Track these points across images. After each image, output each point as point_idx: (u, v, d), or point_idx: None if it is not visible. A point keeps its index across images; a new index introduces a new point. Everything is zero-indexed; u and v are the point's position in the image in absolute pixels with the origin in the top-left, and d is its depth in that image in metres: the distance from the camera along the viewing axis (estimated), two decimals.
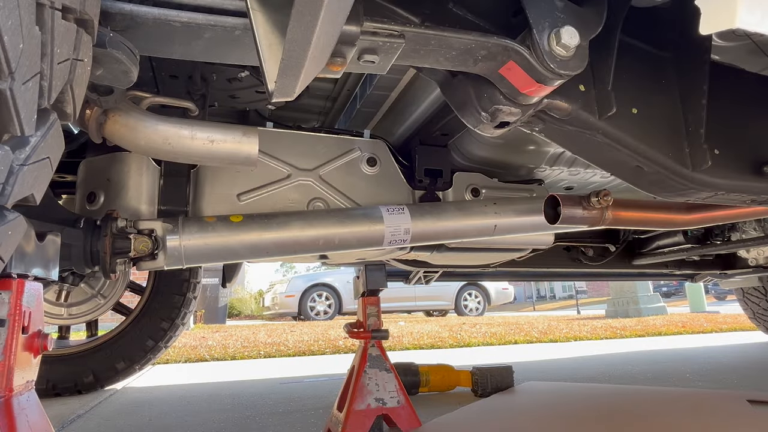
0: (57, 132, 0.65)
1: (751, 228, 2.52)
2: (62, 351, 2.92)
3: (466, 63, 0.90)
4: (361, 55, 0.81)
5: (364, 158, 1.73)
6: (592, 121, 1.04)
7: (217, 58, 0.97)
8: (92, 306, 2.79)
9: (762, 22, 0.62)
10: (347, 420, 1.95)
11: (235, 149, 1.24)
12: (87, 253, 1.25)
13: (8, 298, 0.75)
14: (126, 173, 1.47)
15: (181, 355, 5.43)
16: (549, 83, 0.89)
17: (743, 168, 1.18)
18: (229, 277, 2.30)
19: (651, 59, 1.14)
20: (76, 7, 0.60)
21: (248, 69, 1.47)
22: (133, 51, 0.84)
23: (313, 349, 5.91)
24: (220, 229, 1.41)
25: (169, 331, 3.00)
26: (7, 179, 0.54)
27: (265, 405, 2.86)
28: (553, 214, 1.58)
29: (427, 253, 2.01)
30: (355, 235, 1.53)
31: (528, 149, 1.78)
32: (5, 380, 0.73)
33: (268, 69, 0.71)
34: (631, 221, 1.65)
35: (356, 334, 2.18)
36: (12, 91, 0.50)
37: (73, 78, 0.66)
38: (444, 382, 3.06)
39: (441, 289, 12.12)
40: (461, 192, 1.84)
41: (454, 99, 1.04)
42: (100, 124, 1.16)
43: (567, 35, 0.84)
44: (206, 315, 11.58)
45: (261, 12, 0.70)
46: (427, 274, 2.93)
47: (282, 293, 12.36)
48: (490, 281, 12.24)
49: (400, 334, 7.01)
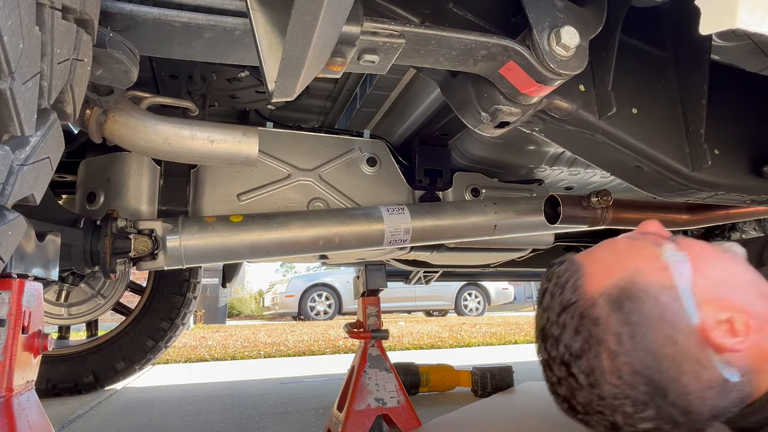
0: (57, 132, 0.65)
1: (751, 228, 2.52)
2: (62, 351, 2.92)
3: (466, 63, 0.90)
4: (361, 55, 0.81)
5: (364, 158, 1.73)
6: (592, 121, 1.04)
7: (217, 58, 0.97)
8: (92, 306, 2.79)
9: (762, 22, 0.62)
10: (347, 420, 1.95)
11: (235, 149, 1.24)
12: (87, 253, 1.25)
13: (8, 298, 0.75)
14: (126, 173, 1.47)
15: (181, 355, 5.43)
16: (549, 83, 0.89)
17: (743, 168, 1.18)
18: (229, 277, 2.30)
19: (651, 59, 1.14)
20: (76, 7, 0.60)
21: (248, 69, 1.47)
22: (133, 51, 0.84)
23: (313, 349, 5.91)
24: (220, 229, 1.41)
25: (169, 331, 3.00)
26: (7, 179, 0.54)
27: (265, 405, 2.86)
28: (553, 214, 1.58)
29: (427, 253, 2.01)
30: (355, 235, 1.53)
31: (528, 149, 1.78)
32: (5, 380, 0.73)
33: (268, 69, 0.71)
34: (631, 221, 1.65)
35: (356, 334, 2.18)
36: (12, 91, 0.50)
37: (73, 78, 0.66)
38: (444, 382, 3.06)
39: (441, 289, 12.11)
40: (461, 192, 1.84)
41: (454, 99, 1.04)
42: (100, 124, 1.16)
43: (567, 35, 0.84)
44: (206, 315, 11.58)
45: (261, 12, 0.70)
46: (427, 274, 2.93)
47: (282, 293, 12.35)
48: (490, 281, 12.23)
49: (400, 334, 7.01)
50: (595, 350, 0.64)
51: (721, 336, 0.62)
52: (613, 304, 0.65)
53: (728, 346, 0.62)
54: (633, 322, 0.63)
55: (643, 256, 0.69)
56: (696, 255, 0.68)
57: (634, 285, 0.65)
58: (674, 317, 0.63)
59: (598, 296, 0.66)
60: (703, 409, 0.63)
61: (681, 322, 0.63)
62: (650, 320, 0.63)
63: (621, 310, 0.64)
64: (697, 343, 0.62)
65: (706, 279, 0.66)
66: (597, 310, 0.65)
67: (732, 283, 0.67)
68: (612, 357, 0.63)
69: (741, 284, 0.67)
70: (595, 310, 0.65)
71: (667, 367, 0.62)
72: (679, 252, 0.68)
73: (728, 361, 0.63)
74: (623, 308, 0.64)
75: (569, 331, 0.66)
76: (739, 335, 0.62)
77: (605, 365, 0.63)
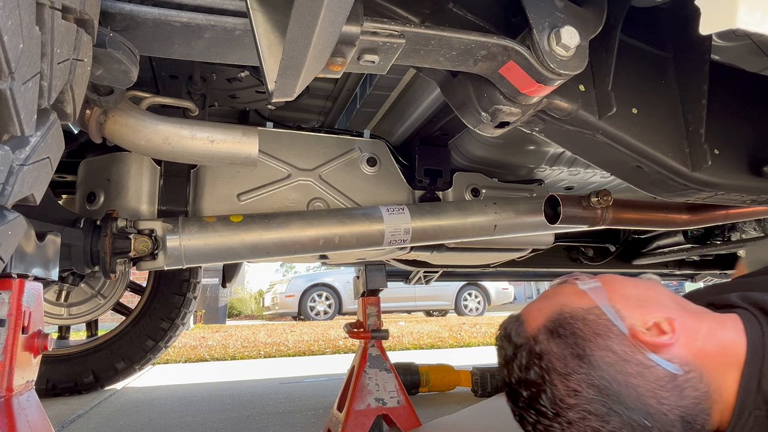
0: (57, 132, 0.65)
1: (751, 228, 2.52)
2: (62, 351, 2.92)
3: (466, 63, 0.90)
4: (361, 55, 0.81)
5: (364, 158, 1.73)
6: (592, 121, 1.04)
7: (217, 58, 0.97)
8: (92, 306, 2.79)
9: (762, 22, 0.62)
10: (347, 420, 1.95)
11: (235, 149, 1.24)
12: (87, 253, 1.25)
13: (8, 298, 0.75)
14: (126, 173, 1.47)
15: (181, 355, 5.43)
16: (549, 83, 0.89)
17: (743, 168, 1.18)
18: (229, 277, 2.30)
19: (651, 59, 1.14)
20: (76, 7, 0.60)
21: (248, 69, 1.47)
22: (133, 51, 0.84)
23: (313, 349, 5.91)
24: (220, 229, 1.41)
25: (169, 331, 3.00)
26: (7, 179, 0.54)
27: (265, 405, 2.86)
28: (553, 214, 1.58)
29: (427, 253, 2.01)
30: (355, 235, 1.53)
31: (528, 149, 1.78)
32: (5, 380, 0.73)
33: (268, 69, 0.71)
34: (631, 221, 1.65)
35: (356, 334, 2.18)
36: (12, 91, 0.50)
37: (73, 78, 0.66)
38: (444, 382, 3.06)
39: (441, 289, 12.11)
40: (461, 192, 1.84)
41: (454, 99, 1.04)
42: (100, 124, 1.16)
43: (567, 35, 0.84)
44: (206, 315, 11.58)
45: (261, 12, 0.70)
46: (427, 274, 2.92)
47: (282, 293, 12.35)
48: (490, 281, 12.24)
49: (400, 334, 7.01)
50: (548, 379, 0.71)
51: (652, 336, 0.70)
52: (551, 334, 0.74)
53: (660, 342, 0.70)
54: (571, 343, 0.71)
55: (565, 293, 0.80)
56: (608, 281, 0.79)
57: (563, 314, 0.75)
58: (604, 329, 0.72)
59: (538, 333, 0.75)
60: (664, 409, 0.68)
61: (611, 332, 0.71)
62: (585, 337, 0.71)
63: (558, 337, 0.73)
64: (632, 346, 0.70)
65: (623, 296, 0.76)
66: (540, 345, 0.74)
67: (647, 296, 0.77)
68: (564, 379, 0.70)
69: (656, 296, 0.77)
70: (538, 345, 0.74)
71: (613, 374, 0.68)
72: (591, 280, 0.79)
73: (666, 357, 0.70)
74: (560, 335, 0.73)
75: (524, 371, 0.74)
76: (668, 333, 0.70)
77: (561, 389, 0.70)
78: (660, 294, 0.79)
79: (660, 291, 0.80)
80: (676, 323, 0.72)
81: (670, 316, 0.73)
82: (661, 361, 0.69)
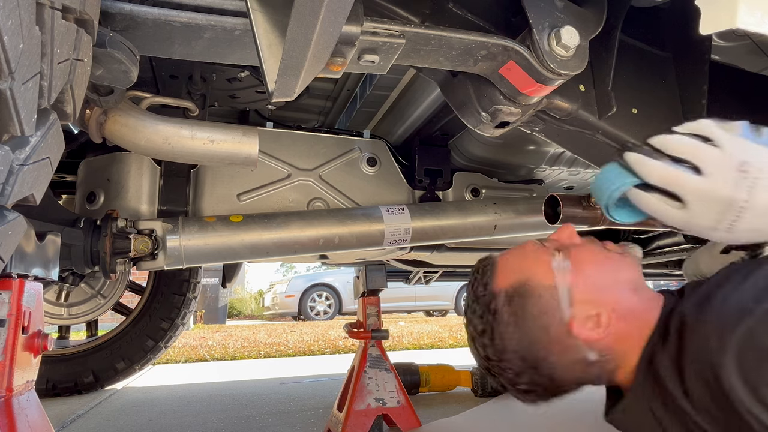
0: (57, 132, 0.65)
1: None
2: (62, 351, 2.92)
3: (466, 63, 0.90)
4: (361, 55, 0.81)
5: (364, 158, 1.73)
6: (592, 121, 1.04)
7: (217, 58, 0.97)
8: (92, 306, 2.79)
9: (762, 22, 0.62)
10: (347, 420, 1.95)
11: (235, 149, 1.24)
12: (87, 253, 1.25)
13: (8, 298, 0.75)
14: (126, 173, 1.47)
15: (181, 355, 5.43)
16: (549, 83, 0.89)
17: None
18: (229, 277, 2.30)
19: (651, 59, 1.14)
20: (76, 7, 0.60)
21: (248, 69, 1.47)
22: (133, 51, 0.84)
23: (313, 349, 5.90)
24: (220, 229, 1.41)
25: (169, 331, 3.00)
26: (7, 179, 0.54)
27: (265, 405, 2.86)
28: (552, 214, 1.57)
29: (427, 253, 2.01)
30: (355, 235, 1.53)
31: (528, 149, 1.78)
32: (5, 380, 0.73)
33: (268, 69, 0.71)
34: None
35: (356, 334, 2.18)
36: (12, 91, 0.50)
37: (73, 78, 0.66)
38: (444, 382, 3.06)
39: (441, 289, 12.09)
40: (461, 192, 1.84)
41: (454, 99, 1.04)
42: (100, 124, 1.16)
43: (567, 35, 0.84)
44: (206, 315, 11.57)
45: (261, 12, 0.70)
46: (427, 274, 2.92)
47: (282, 293, 12.34)
48: None
49: (400, 334, 7.01)
50: (489, 333, 0.85)
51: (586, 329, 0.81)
52: (507, 299, 0.84)
53: (590, 336, 0.80)
54: (518, 314, 0.83)
55: (538, 262, 0.87)
56: (579, 262, 0.86)
57: (525, 286, 0.84)
58: (551, 311, 0.82)
59: (499, 293, 0.86)
60: (568, 379, 0.84)
61: (555, 316, 0.82)
62: (531, 313, 0.82)
63: (512, 304, 0.84)
64: (566, 333, 0.81)
65: (584, 279, 0.84)
66: (496, 304, 0.85)
67: (607, 281, 0.84)
68: (500, 338, 0.84)
69: (614, 284, 0.84)
70: (495, 303, 0.85)
71: (538, 349, 0.82)
72: (564, 261, 0.86)
73: (590, 347, 0.81)
74: (513, 303, 0.84)
75: (477, 316, 0.88)
76: (602, 327, 0.80)
77: (496, 344, 0.85)
78: (618, 277, 0.85)
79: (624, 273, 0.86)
80: (614, 316, 0.81)
81: (614, 309, 0.81)
82: (585, 350, 0.81)
